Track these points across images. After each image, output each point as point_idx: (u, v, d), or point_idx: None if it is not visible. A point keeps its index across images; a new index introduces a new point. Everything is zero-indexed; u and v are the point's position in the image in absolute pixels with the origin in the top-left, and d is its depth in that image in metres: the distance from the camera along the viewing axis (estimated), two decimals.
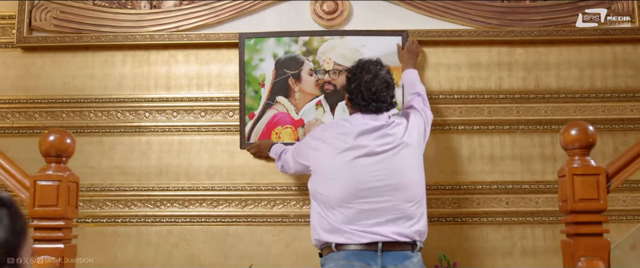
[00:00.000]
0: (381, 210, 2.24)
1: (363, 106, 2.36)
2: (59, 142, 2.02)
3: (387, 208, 2.24)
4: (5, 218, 1.18)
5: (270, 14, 3.17)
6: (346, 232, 2.23)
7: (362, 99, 2.35)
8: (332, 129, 2.45)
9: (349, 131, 2.35)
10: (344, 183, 2.25)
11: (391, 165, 2.27)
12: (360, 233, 2.23)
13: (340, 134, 2.37)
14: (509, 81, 3.14)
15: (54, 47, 3.21)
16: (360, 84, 2.36)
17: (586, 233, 1.92)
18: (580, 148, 1.99)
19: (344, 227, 2.24)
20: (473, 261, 3.00)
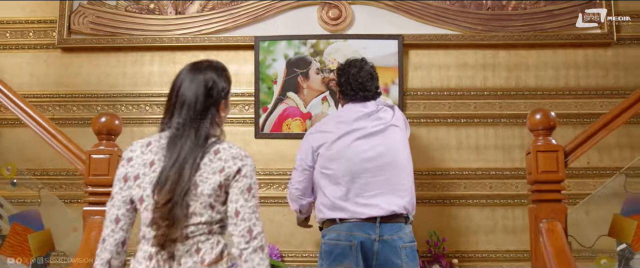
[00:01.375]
0: (378, 183, 2.55)
1: (352, 95, 2.70)
2: (110, 122, 2.43)
3: (384, 182, 2.55)
4: (216, 75, 1.86)
5: (282, 19, 3.58)
6: (348, 209, 2.53)
7: (351, 89, 2.70)
8: (330, 120, 2.77)
9: (345, 118, 2.68)
10: (346, 161, 2.57)
11: (386, 143, 2.60)
12: (361, 207, 2.52)
13: (338, 122, 2.68)
14: (493, 80, 3.54)
15: (90, 48, 3.62)
16: (349, 77, 2.71)
17: (547, 200, 2.31)
18: (543, 130, 2.38)
19: (346, 202, 2.54)
20: (460, 238, 3.39)
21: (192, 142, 1.76)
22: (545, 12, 3.54)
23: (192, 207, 1.74)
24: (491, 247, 3.39)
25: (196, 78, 1.83)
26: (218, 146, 1.81)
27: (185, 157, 1.74)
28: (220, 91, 1.84)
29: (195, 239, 1.75)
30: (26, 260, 2.43)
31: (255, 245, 1.76)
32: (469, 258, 3.36)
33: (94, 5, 3.63)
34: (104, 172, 2.38)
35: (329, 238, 2.57)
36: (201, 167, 1.76)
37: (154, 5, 3.64)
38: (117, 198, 1.82)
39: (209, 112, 1.81)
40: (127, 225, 1.82)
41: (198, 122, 1.79)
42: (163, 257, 1.74)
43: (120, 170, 1.84)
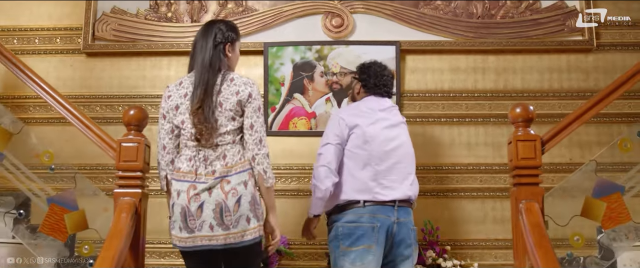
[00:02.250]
0: (398, 170, 2.83)
1: (375, 89, 2.97)
2: (138, 115, 2.72)
3: (402, 170, 2.85)
4: (222, 25, 2.60)
5: (289, 27, 3.90)
6: (373, 190, 2.77)
7: (375, 84, 2.98)
8: (360, 105, 2.96)
9: (373, 107, 2.93)
10: (377, 145, 2.82)
11: (403, 136, 2.92)
12: (386, 190, 2.77)
13: (369, 109, 2.93)
14: (483, 83, 3.85)
15: (112, 53, 3.94)
16: (374, 72, 3.00)
17: (526, 183, 2.59)
18: (522, 122, 2.67)
19: (373, 183, 2.77)
20: (453, 227, 3.67)
21: (209, 72, 2.46)
22: (530, 20, 3.86)
23: (219, 119, 2.43)
24: (481, 236, 3.67)
25: (208, 28, 2.59)
26: (232, 75, 2.52)
27: (207, 80, 2.45)
28: (224, 36, 2.55)
29: (223, 147, 2.44)
30: (62, 236, 2.72)
31: (265, 152, 2.47)
32: (461, 246, 3.64)
33: (116, 13, 3.95)
34: (132, 159, 2.66)
35: (346, 221, 2.78)
36: (222, 91, 2.46)
37: (171, 14, 3.96)
38: (162, 132, 2.54)
39: (217, 53, 2.52)
40: (172, 149, 2.53)
41: (211, 59, 2.49)
42: (200, 159, 2.43)
43: (162, 108, 2.55)
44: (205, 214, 2.38)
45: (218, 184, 2.39)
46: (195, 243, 2.41)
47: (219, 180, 2.39)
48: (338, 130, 2.86)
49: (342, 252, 2.76)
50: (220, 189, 2.39)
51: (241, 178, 2.42)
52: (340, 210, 2.83)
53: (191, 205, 2.40)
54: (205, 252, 2.43)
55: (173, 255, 3.72)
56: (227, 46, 2.57)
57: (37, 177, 2.97)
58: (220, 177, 2.40)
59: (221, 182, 2.39)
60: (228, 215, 2.37)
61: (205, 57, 2.50)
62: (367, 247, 2.73)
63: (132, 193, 2.65)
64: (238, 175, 2.42)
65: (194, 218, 2.40)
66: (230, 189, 2.39)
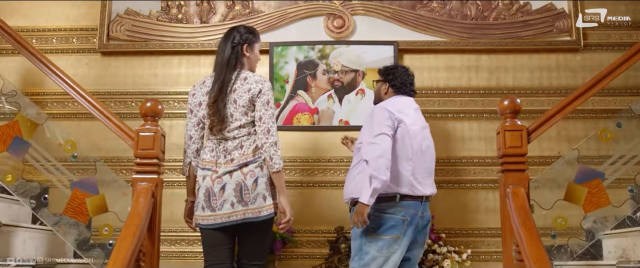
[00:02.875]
0: (427, 168, 3.02)
1: (403, 88, 3.13)
2: (154, 106, 2.94)
3: (429, 169, 3.03)
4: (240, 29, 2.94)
5: (293, 28, 4.13)
6: (411, 185, 2.91)
7: (403, 84, 3.13)
8: (397, 102, 3.05)
9: (410, 105, 3.09)
10: (417, 142, 2.98)
11: (430, 137, 3.09)
12: (420, 185, 2.93)
13: (407, 107, 3.06)
14: (476, 80, 4.07)
15: (126, 52, 4.16)
16: (400, 73, 3.16)
17: (513, 169, 2.80)
18: (510, 113, 2.88)
19: (411, 178, 2.91)
20: (448, 216, 3.88)
21: (225, 70, 2.81)
22: (521, 22, 4.08)
23: (234, 114, 2.76)
24: (475, 225, 3.88)
25: (229, 32, 2.92)
26: (246, 74, 2.83)
27: (223, 78, 2.79)
28: (241, 38, 2.88)
29: (240, 139, 2.77)
30: (84, 219, 2.94)
31: (272, 141, 2.74)
32: (455, 234, 3.85)
33: (129, 15, 4.18)
34: (149, 147, 2.88)
35: (380, 210, 2.89)
36: (236, 89, 2.78)
37: (181, 15, 4.19)
38: (189, 124, 2.88)
39: (234, 53, 2.85)
40: (198, 139, 2.88)
41: (229, 58, 2.83)
42: (220, 150, 2.77)
43: (189, 104, 2.89)
44: (227, 193, 2.71)
45: (238, 169, 2.74)
46: (216, 221, 2.73)
47: (239, 167, 2.74)
48: (389, 122, 2.92)
49: (371, 238, 2.88)
50: (240, 172, 2.73)
51: (257, 163, 2.76)
52: (379, 199, 2.88)
53: (214, 187, 2.74)
54: (225, 228, 2.73)
55: (183, 243, 3.93)
56: (245, 47, 2.89)
57: (60, 164, 3.19)
58: (239, 164, 2.74)
59: (241, 168, 2.74)
60: (247, 193, 2.71)
61: (224, 57, 2.85)
62: (395, 237, 2.88)
63: (149, 179, 2.87)
64: (254, 162, 2.76)
65: (216, 198, 2.73)
66: (249, 171, 2.73)
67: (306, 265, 3.83)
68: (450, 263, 3.58)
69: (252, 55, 2.95)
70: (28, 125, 3.10)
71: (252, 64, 2.96)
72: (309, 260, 3.85)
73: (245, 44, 2.89)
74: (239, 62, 2.86)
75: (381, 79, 3.22)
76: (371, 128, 2.93)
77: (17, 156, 3.07)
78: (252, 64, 2.96)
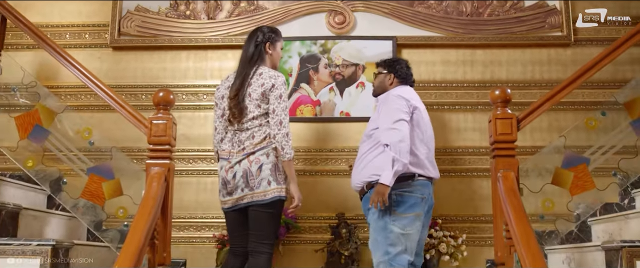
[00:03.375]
0: (433, 153, 3.26)
1: (407, 79, 3.36)
2: (166, 96, 3.13)
3: (433, 153, 3.28)
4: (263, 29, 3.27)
5: (296, 24, 4.32)
6: (425, 167, 3.15)
7: (406, 75, 3.36)
8: (410, 92, 3.28)
9: (417, 95, 3.32)
10: (428, 129, 3.23)
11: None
12: (432, 168, 3.19)
13: (416, 96, 3.29)
14: (471, 74, 4.25)
15: (136, 47, 4.35)
16: (404, 66, 3.39)
17: (503, 155, 2.98)
18: (501, 102, 3.06)
19: (425, 161, 3.15)
20: (444, 204, 4.05)
21: (247, 66, 3.12)
22: (514, 18, 4.26)
23: (248, 106, 3.04)
24: (469, 211, 4.07)
25: (253, 32, 3.26)
26: (261, 69, 3.11)
27: (244, 73, 3.10)
28: (263, 37, 3.21)
29: (253, 130, 3.05)
30: (101, 201, 3.13)
31: (284, 132, 3.01)
32: (451, 220, 4.04)
33: (139, 11, 4.37)
34: (162, 134, 3.07)
35: (402, 190, 3.07)
36: (252, 83, 3.06)
37: (189, 12, 4.37)
38: (215, 116, 3.21)
39: (257, 51, 3.16)
40: (221, 130, 3.17)
41: (251, 55, 3.14)
42: (235, 141, 3.07)
43: (215, 97, 3.21)
44: (237, 180, 3.02)
45: (245, 158, 3.02)
46: (230, 205, 3.07)
47: (247, 155, 3.02)
48: (406, 108, 3.13)
49: (395, 217, 3.05)
50: (247, 160, 3.02)
51: (264, 151, 3.02)
52: (397, 180, 3.01)
53: (228, 175, 3.06)
54: (238, 210, 3.06)
55: (191, 229, 4.12)
56: (268, 45, 3.22)
57: (77, 151, 3.38)
58: (247, 152, 3.02)
59: (248, 156, 3.02)
60: (252, 179, 3.00)
61: (247, 54, 3.16)
62: (417, 214, 3.09)
63: (161, 164, 3.06)
64: (262, 150, 3.03)
65: (230, 185, 3.05)
66: (254, 159, 3.02)
67: (308, 249, 4.02)
68: (445, 247, 3.76)
69: (275, 52, 3.26)
70: (47, 113, 3.29)
71: (275, 61, 3.28)
72: (311, 245, 4.04)
73: (268, 43, 3.21)
74: (260, 59, 3.16)
75: (384, 71, 3.40)
76: (389, 114, 3.11)
77: (37, 143, 3.26)
78: (275, 61, 3.28)
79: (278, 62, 3.31)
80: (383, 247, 3.06)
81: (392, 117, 3.08)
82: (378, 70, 3.45)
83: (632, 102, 3.18)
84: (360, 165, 3.24)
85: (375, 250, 3.12)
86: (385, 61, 3.46)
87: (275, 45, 3.25)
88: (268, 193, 2.99)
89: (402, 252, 3.05)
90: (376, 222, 3.11)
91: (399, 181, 3.03)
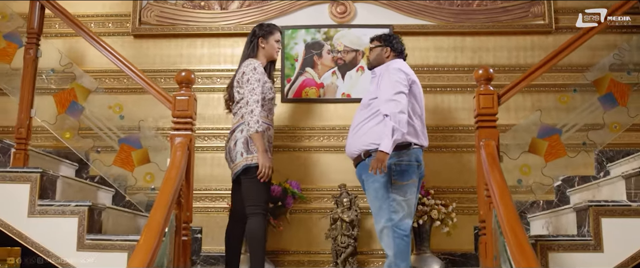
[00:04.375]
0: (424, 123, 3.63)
1: (403, 52, 3.75)
2: (188, 75, 3.53)
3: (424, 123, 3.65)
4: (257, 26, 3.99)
5: (301, 13, 4.74)
6: (419, 136, 3.53)
7: (401, 49, 3.75)
8: (407, 66, 3.59)
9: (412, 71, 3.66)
10: (421, 101, 3.59)
11: None
12: (423, 137, 3.56)
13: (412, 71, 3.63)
14: (461, 59, 4.66)
15: (155, 35, 4.76)
16: (398, 40, 3.77)
17: (485, 126, 3.39)
18: (484, 80, 3.47)
19: (419, 131, 3.52)
20: (436, 176, 4.46)
21: (241, 62, 3.76)
22: (501, 8, 4.67)
23: (234, 94, 3.70)
24: (459, 184, 4.48)
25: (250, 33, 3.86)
26: (247, 61, 3.67)
27: (239, 66, 3.73)
28: (257, 34, 3.80)
29: (237, 112, 3.70)
30: (131, 168, 3.55)
31: (249, 110, 3.52)
32: (443, 191, 4.44)
33: (158, 2, 4.78)
34: (184, 109, 3.48)
35: (400, 160, 3.42)
36: (237, 74, 3.71)
37: (204, 3, 4.79)
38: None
39: (251, 47, 3.78)
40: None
41: (246, 51, 3.77)
42: (233, 121, 3.73)
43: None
44: (227, 155, 3.72)
45: (231, 136, 3.69)
46: (232, 176, 3.72)
47: (231, 133, 3.71)
48: (405, 82, 3.43)
49: (396, 186, 3.40)
50: (231, 137, 3.69)
51: (239, 128, 3.64)
52: (394, 148, 3.31)
53: (226, 150, 3.75)
54: (235, 180, 3.71)
55: (207, 200, 4.53)
56: (260, 40, 3.81)
57: (110, 123, 3.80)
58: (231, 131, 3.71)
59: (231, 134, 3.70)
60: (232, 153, 3.65)
61: (244, 51, 3.82)
62: (413, 181, 3.48)
63: (184, 135, 3.47)
64: (238, 128, 3.65)
65: (227, 159, 3.74)
66: (233, 136, 3.67)
67: (313, 217, 4.44)
68: (437, 213, 4.17)
69: (268, 45, 3.82)
70: (82, 91, 3.71)
71: (268, 52, 3.83)
72: (315, 213, 4.45)
73: (261, 38, 3.79)
74: (252, 53, 3.75)
75: (381, 44, 3.74)
76: (390, 85, 3.41)
77: (74, 117, 3.68)
78: (268, 52, 3.83)
79: (273, 52, 3.84)
80: (386, 214, 3.42)
81: (393, 89, 3.38)
82: (374, 44, 3.78)
83: (600, 80, 3.58)
84: (357, 133, 3.58)
85: (379, 217, 3.46)
86: (380, 36, 3.81)
87: (267, 39, 3.80)
88: (240, 164, 3.58)
89: (404, 217, 3.43)
90: (377, 191, 3.46)
91: (396, 149, 3.38)
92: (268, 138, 3.71)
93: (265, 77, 3.75)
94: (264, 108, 3.70)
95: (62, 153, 4.23)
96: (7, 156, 3.74)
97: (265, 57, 3.82)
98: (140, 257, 2.51)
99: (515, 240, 2.56)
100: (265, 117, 3.72)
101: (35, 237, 3.35)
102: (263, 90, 3.66)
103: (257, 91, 3.56)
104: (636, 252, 3.21)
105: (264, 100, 3.69)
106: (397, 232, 3.40)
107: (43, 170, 3.46)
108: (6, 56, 3.72)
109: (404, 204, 3.44)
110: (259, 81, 3.60)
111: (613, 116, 3.56)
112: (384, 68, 3.62)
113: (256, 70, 3.61)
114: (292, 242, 4.41)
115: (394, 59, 3.71)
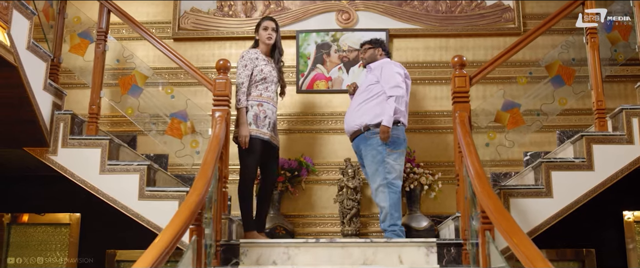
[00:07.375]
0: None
1: (388, 52, 4.82)
2: (225, 63, 4.43)
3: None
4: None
5: (313, 20, 5.70)
6: (406, 117, 4.50)
7: (388, 50, 4.80)
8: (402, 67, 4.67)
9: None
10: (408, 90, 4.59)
11: None
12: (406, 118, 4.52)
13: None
14: (446, 57, 5.59)
15: (191, 38, 5.73)
16: (384, 43, 4.80)
17: (460, 101, 4.29)
18: (459, 66, 4.36)
19: (406, 113, 4.49)
20: (425, 152, 5.37)
21: None
22: (478, 14, 5.63)
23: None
24: (443, 159, 5.38)
25: None
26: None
27: None
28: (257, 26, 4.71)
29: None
30: (179, 136, 4.47)
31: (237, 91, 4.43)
32: (431, 165, 5.33)
33: (194, 11, 5.76)
34: (222, 89, 4.38)
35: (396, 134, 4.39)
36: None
37: (231, 12, 5.77)
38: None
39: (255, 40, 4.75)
40: None
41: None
42: None
43: None
44: None
45: None
46: None
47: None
48: (402, 78, 4.49)
49: (389, 152, 4.35)
50: None
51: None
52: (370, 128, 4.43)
53: None
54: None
55: (234, 173, 5.45)
56: (255, 33, 4.71)
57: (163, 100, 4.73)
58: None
59: None
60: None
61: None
62: (402, 151, 4.45)
63: (222, 110, 4.38)
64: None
65: None
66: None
67: (324, 187, 5.35)
68: (425, 179, 5.07)
69: (259, 35, 4.67)
70: (141, 77, 4.66)
71: (262, 40, 4.64)
72: (325, 184, 5.36)
73: (255, 32, 4.70)
74: (255, 45, 4.68)
75: (373, 46, 4.77)
76: (393, 77, 4.46)
77: (134, 97, 4.62)
78: (262, 40, 4.64)
79: (265, 39, 4.62)
80: (382, 174, 4.34)
81: (395, 80, 4.44)
82: (366, 46, 4.81)
83: (551, 66, 4.51)
84: (358, 112, 4.53)
85: (375, 177, 4.38)
86: (370, 40, 4.86)
87: (258, 30, 4.68)
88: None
89: (396, 177, 4.37)
90: (375, 157, 4.39)
91: (393, 125, 4.37)
92: (263, 113, 4.48)
93: (256, 61, 4.55)
94: (258, 87, 4.53)
95: (118, 137, 5.16)
96: (81, 128, 4.67)
97: (263, 44, 4.65)
98: (199, 186, 3.41)
99: (478, 177, 3.45)
100: (259, 95, 4.52)
101: (105, 190, 4.24)
102: (254, 72, 4.51)
103: (242, 75, 4.46)
104: (578, 197, 4.07)
105: (255, 80, 4.51)
106: (391, 188, 4.32)
107: (111, 138, 4.39)
108: (80, 50, 4.67)
109: (397, 167, 4.37)
110: (246, 67, 4.50)
111: (561, 93, 4.47)
112: (379, 63, 4.66)
113: (243, 58, 4.53)
114: (306, 206, 5.32)
115: (384, 57, 4.76)
